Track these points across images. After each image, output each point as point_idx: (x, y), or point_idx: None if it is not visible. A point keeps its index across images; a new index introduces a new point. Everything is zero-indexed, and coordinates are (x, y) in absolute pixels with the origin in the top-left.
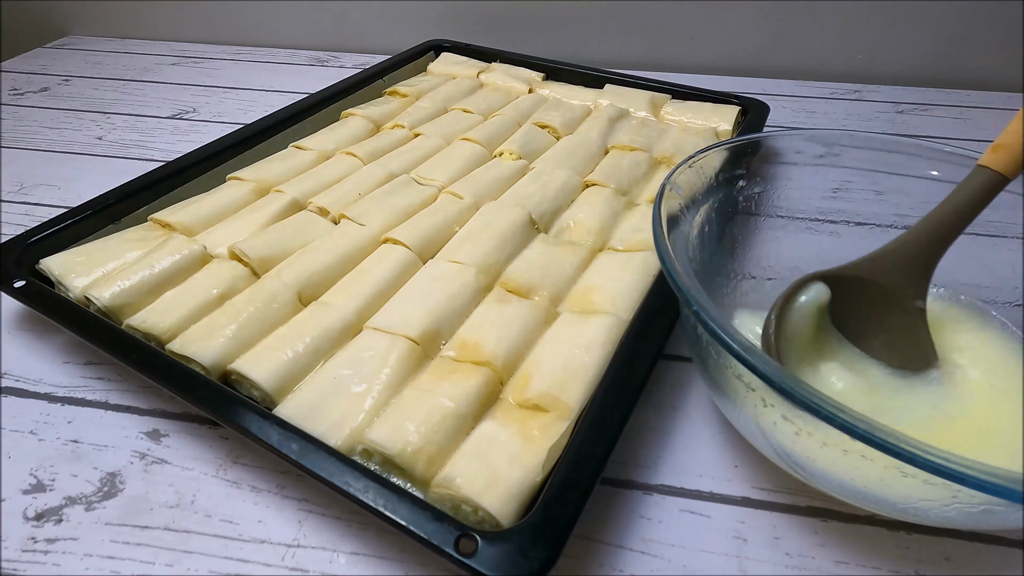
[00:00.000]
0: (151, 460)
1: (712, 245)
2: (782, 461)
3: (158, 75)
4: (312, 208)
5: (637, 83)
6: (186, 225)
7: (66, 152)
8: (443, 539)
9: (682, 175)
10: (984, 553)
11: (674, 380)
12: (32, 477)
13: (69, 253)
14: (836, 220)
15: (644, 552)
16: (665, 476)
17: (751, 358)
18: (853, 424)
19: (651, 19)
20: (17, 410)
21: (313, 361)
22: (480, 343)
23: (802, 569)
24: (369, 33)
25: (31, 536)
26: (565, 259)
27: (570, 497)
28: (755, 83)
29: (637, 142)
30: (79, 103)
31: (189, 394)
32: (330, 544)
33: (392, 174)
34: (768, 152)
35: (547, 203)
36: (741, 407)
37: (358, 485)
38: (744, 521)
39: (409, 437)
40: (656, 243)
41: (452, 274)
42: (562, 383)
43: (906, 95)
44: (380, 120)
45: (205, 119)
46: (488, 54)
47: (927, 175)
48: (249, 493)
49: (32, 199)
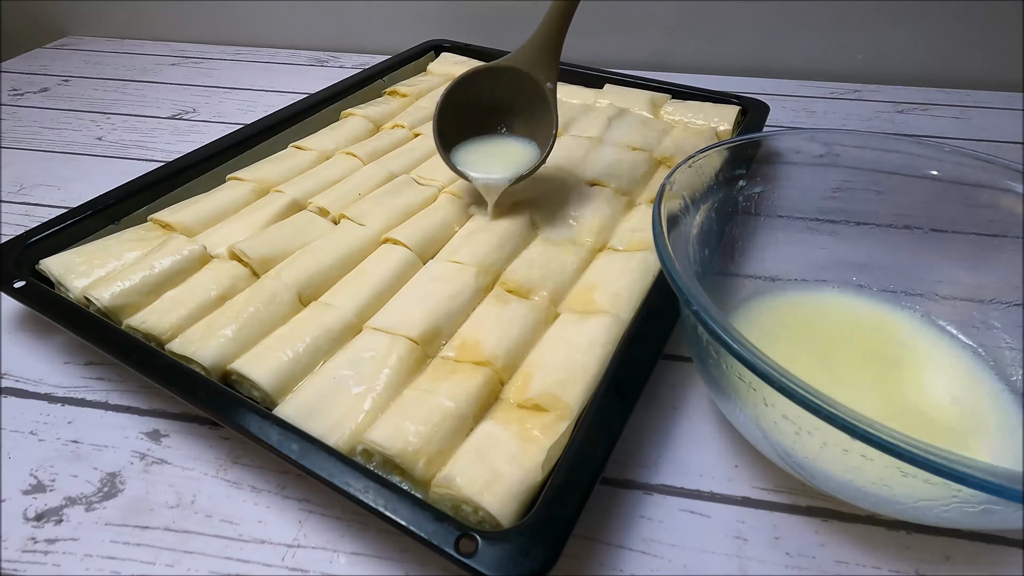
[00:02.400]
0: (151, 460)
1: (712, 245)
2: (782, 461)
3: (158, 75)
4: (312, 208)
5: (637, 83)
6: (186, 225)
7: (66, 152)
8: (443, 539)
9: (682, 175)
10: (984, 553)
11: (674, 380)
12: (32, 477)
13: (69, 253)
14: (836, 220)
15: (644, 552)
16: (665, 476)
17: (751, 358)
18: (853, 424)
19: (651, 19)
20: (17, 410)
21: (313, 361)
22: (480, 343)
23: (802, 569)
24: (369, 33)
25: (31, 536)
26: (565, 259)
27: (570, 497)
28: (755, 83)
29: (637, 142)
30: (79, 103)
31: (189, 394)
32: (330, 544)
33: (392, 174)
34: (768, 152)
35: (547, 203)
36: (741, 407)
37: (358, 485)
38: (744, 521)
39: (409, 437)
40: (656, 243)
41: (452, 274)
42: (562, 383)
43: (906, 95)
44: (380, 120)
45: (205, 119)
46: (488, 54)
47: (927, 175)
48: (249, 493)
49: (32, 199)
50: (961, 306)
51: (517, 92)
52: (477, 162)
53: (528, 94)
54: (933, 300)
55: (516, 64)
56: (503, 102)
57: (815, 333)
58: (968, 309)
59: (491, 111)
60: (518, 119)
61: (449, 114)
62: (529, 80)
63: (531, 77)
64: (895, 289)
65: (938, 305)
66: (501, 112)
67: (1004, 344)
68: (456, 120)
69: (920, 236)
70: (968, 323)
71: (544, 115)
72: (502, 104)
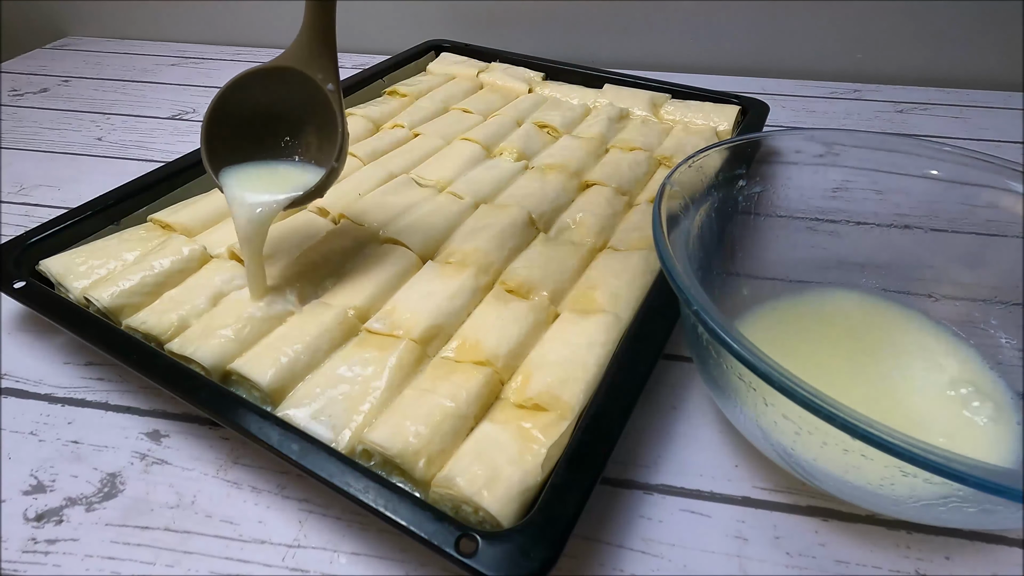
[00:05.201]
0: (151, 461)
1: (712, 245)
2: (782, 461)
3: (158, 75)
4: (312, 208)
5: (637, 83)
6: (186, 226)
7: (66, 153)
8: (444, 539)
9: (682, 175)
10: (984, 553)
11: (674, 380)
12: (32, 478)
13: (69, 254)
14: (836, 220)
15: (644, 552)
16: (665, 476)
17: (751, 358)
18: (853, 423)
19: (651, 19)
20: (17, 411)
21: (313, 361)
22: (480, 343)
23: (802, 569)
24: (369, 33)
25: (31, 537)
26: (565, 259)
27: (570, 497)
28: (755, 83)
29: (637, 142)
30: (79, 104)
31: (189, 395)
32: (331, 544)
33: (392, 174)
34: (768, 152)
35: (547, 203)
36: (741, 406)
37: (358, 485)
38: (744, 521)
39: (409, 437)
40: (656, 243)
41: (452, 274)
42: (562, 382)
43: (906, 95)
44: (380, 120)
45: None
46: (488, 54)
47: (927, 174)
48: (249, 493)
49: (32, 200)
50: (961, 306)
51: (296, 98)
52: (244, 184)
53: (310, 99)
54: (933, 300)
55: (287, 63)
56: (284, 112)
57: (815, 333)
58: (968, 309)
59: (272, 122)
60: (305, 130)
61: (222, 129)
62: (307, 81)
63: (308, 77)
64: (895, 289)
65: (938, 305)
66: (284, 123)
67: (1004, 344)
68: (233, 135)
69: (920, 236)
70: (968, 323)
71: (330, 125)
72: (284, 114)
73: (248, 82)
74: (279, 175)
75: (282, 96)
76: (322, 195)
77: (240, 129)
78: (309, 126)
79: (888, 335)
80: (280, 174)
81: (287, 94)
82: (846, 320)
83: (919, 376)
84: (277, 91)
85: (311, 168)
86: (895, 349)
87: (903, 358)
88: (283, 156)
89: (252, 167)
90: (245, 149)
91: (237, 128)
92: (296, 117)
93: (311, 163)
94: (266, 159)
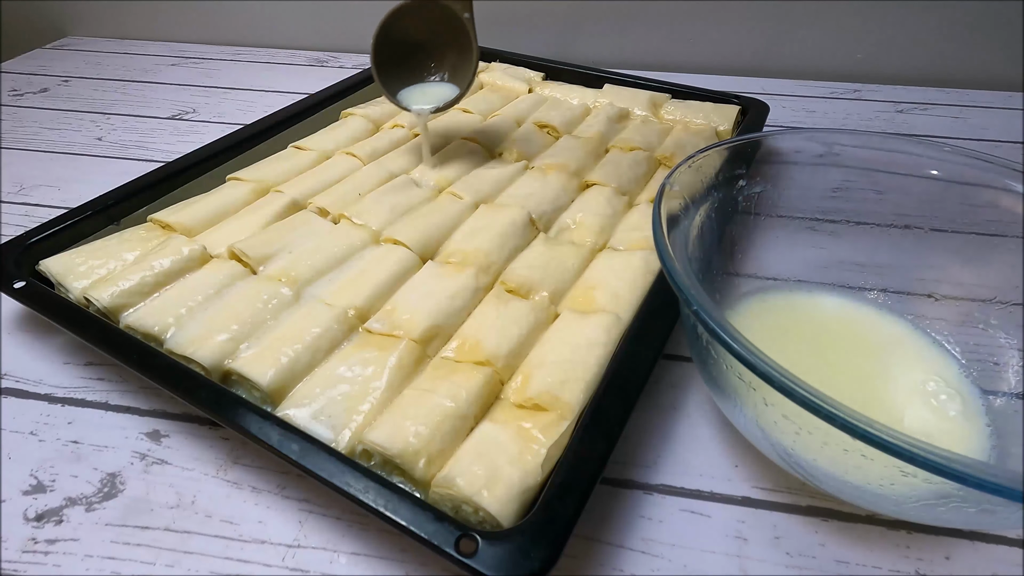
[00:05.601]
0: (151, 461)
1: (712, 245)
2: (782, 461)
3: (158, 75)
4: (312, 208)
5: (637, 83)
6: (186, 226)
7: (66, 153)
8: (444, 539)
9: (682, 175)
10: (984, 553)
11: (674, 380)
12: (32, 478)
13: (69, 254)
14: (836, 220)
15: (644, 552)
16: (665, 476)
17: (751, 358)
18: (853, 423)
19: (651, 19)
20: (17, 411)
21: (313, 361)
22: (480, 343)
23: (802, 569)
24: (369, 33)
25: (31, 537)
26: (565, 259)
27: (570, 497)
28: (755, 83)
29: (637, 142)
30: (79, 104)
31: (189, 394)
32: (331, 544)
33: (392, 174)
34: (768, 152)
35: (547, 203)
36: (741, 406)
37: (358, 485)
38: (744, 521)
39: (409, 438)
40: (656, 243)
41: (452, 274)
42: (562, 382)
43: (906, 95)
44: (380, 120)
45: (205, 120)
46: (488, 54)
47: (927, 175)
48: (249, 493)
49: (32, 200)
50: (961, 306)
51: (439, 26)
52: (408, 100)
53: (450, 27)
54: (933, 300)
55: None
56: (430, 38)
57: (815, 333)
58: (968, 309)
59: (420, 49)
60: (446, 53)
61: (384, 53)
62: (447, 10)
63: (448, 7)
64: (895, 289)
65: (938, 305)
66: (429, 49)
67: (1004, 344)
68: (391, 59)
69: (920, 236)
70: (968, 323)
71: (465, 48)
72: (429, 40)
73: (402, 12)
74: (429, 92)
75: (428, 25)
76: (458, 101)
77: (395, 56)
78: (449, 48)
79: (887, 335)
80: (429, 91)
81: (432, 23)
82: (845, 320)
83: (918, 376)
84: (424, 20)
85: (447, 86)
86: (895, 349)
87: (903, 358)
88: (429, 77)
89: (413, 88)
90: (403, 77)
91: (393, 55)
92: (441, 42)
93: (447, 80)
94: (418, 82)
